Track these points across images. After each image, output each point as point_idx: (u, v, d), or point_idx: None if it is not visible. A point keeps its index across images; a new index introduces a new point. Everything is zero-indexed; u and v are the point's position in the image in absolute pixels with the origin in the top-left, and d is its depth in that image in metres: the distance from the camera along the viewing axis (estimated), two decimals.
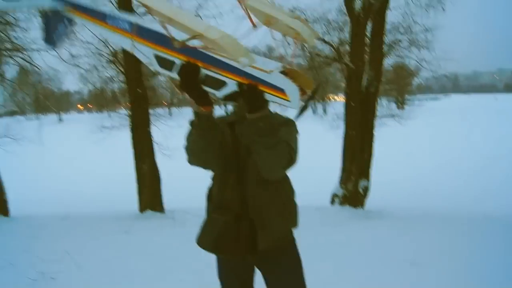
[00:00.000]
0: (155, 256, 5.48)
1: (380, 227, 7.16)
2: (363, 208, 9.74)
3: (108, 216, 8.76)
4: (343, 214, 8.74)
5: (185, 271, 4.83)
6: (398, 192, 13.07)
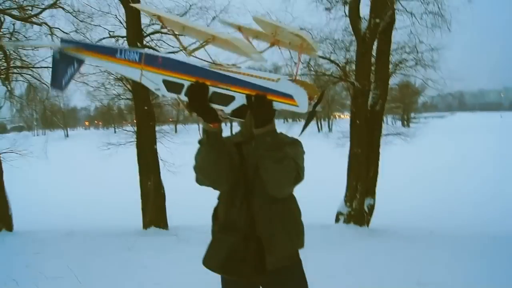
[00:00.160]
0: (158, 273, 5.45)
1: (386, 246, 7.10)
2: (368, 226, 9.67)
3: (112, 232, 8.74)
4: (348, 233, 8.68)
5: None
6: (403, 211, 12.96)
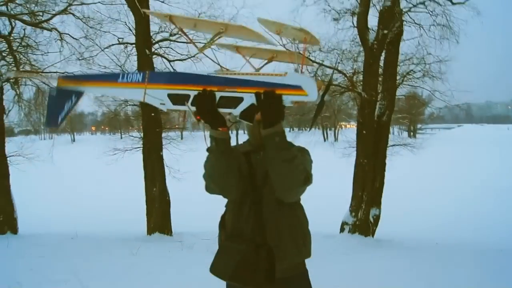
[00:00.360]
0: (161, 279, 5.43)
1: (391, 256, 7.05)
2: (373, 237, 9.62)
3: (116, 238, 8.74)
4: (353, 243, 8.64)
5: None
6: (409, 222, 12.89)
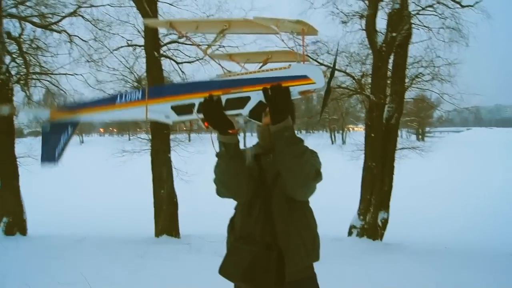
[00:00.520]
0: (170, 281, 5.44)
1: (399, 260, 7.00)
2: (381, 240, 9.57)
3: (125, 240, 8.77)
4: (361, 246, 8.60)
5: None
6: (417, 225, 12.80)
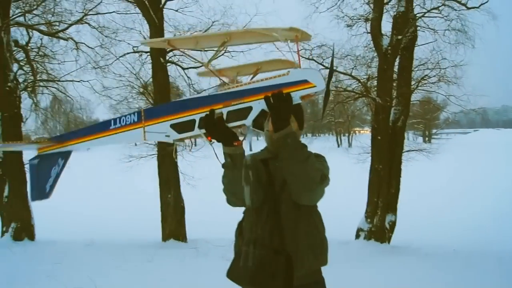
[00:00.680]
0: (177, 285, 5.44)
1: (407, 263, 6.96)
2: (389, 243, 9.52)
3: (132, 244, 8.79)
4: (368, 249, 8.56)
5: None
6: (425, 228, 12.72)
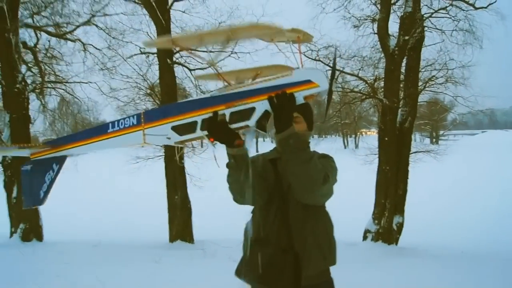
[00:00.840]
0: (185, 286, 5.45)
1: (415, 265, 6.93)
2: (396, 245, 9.48)
3: (139, 245, 8.82)
4: (376, 251, 8.53)
5: None
6: (433, 230, 12.65)
